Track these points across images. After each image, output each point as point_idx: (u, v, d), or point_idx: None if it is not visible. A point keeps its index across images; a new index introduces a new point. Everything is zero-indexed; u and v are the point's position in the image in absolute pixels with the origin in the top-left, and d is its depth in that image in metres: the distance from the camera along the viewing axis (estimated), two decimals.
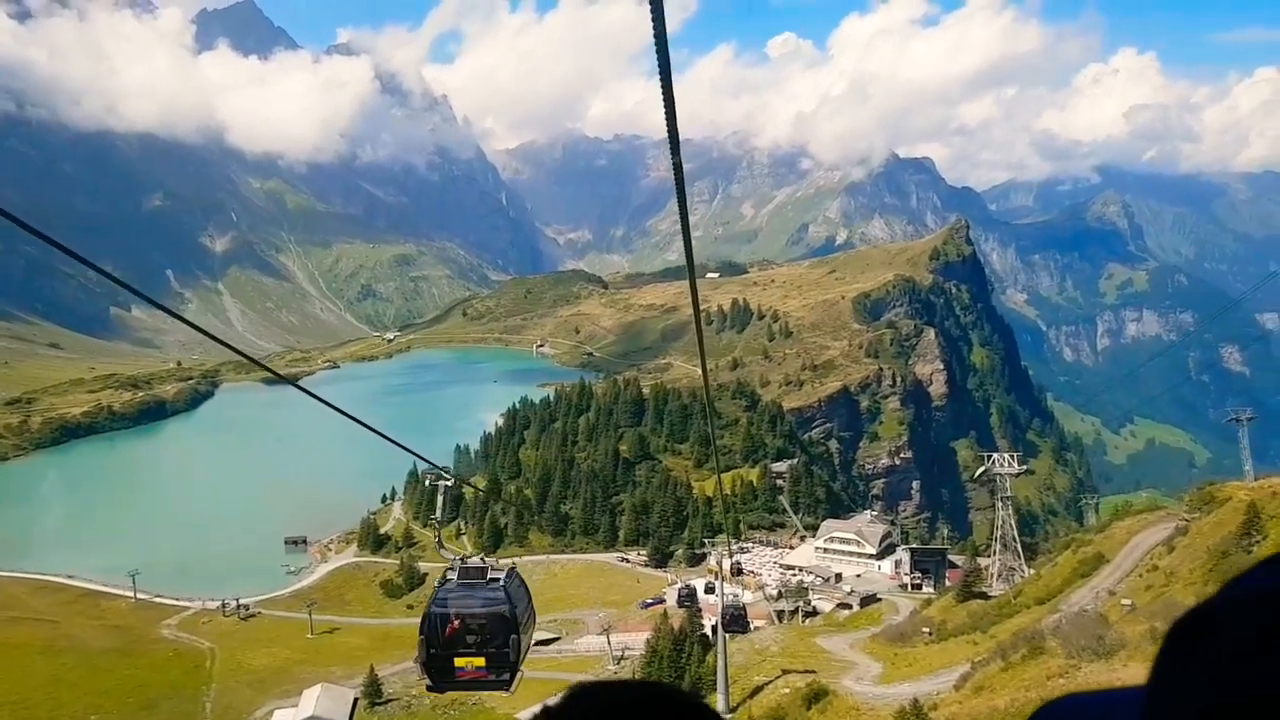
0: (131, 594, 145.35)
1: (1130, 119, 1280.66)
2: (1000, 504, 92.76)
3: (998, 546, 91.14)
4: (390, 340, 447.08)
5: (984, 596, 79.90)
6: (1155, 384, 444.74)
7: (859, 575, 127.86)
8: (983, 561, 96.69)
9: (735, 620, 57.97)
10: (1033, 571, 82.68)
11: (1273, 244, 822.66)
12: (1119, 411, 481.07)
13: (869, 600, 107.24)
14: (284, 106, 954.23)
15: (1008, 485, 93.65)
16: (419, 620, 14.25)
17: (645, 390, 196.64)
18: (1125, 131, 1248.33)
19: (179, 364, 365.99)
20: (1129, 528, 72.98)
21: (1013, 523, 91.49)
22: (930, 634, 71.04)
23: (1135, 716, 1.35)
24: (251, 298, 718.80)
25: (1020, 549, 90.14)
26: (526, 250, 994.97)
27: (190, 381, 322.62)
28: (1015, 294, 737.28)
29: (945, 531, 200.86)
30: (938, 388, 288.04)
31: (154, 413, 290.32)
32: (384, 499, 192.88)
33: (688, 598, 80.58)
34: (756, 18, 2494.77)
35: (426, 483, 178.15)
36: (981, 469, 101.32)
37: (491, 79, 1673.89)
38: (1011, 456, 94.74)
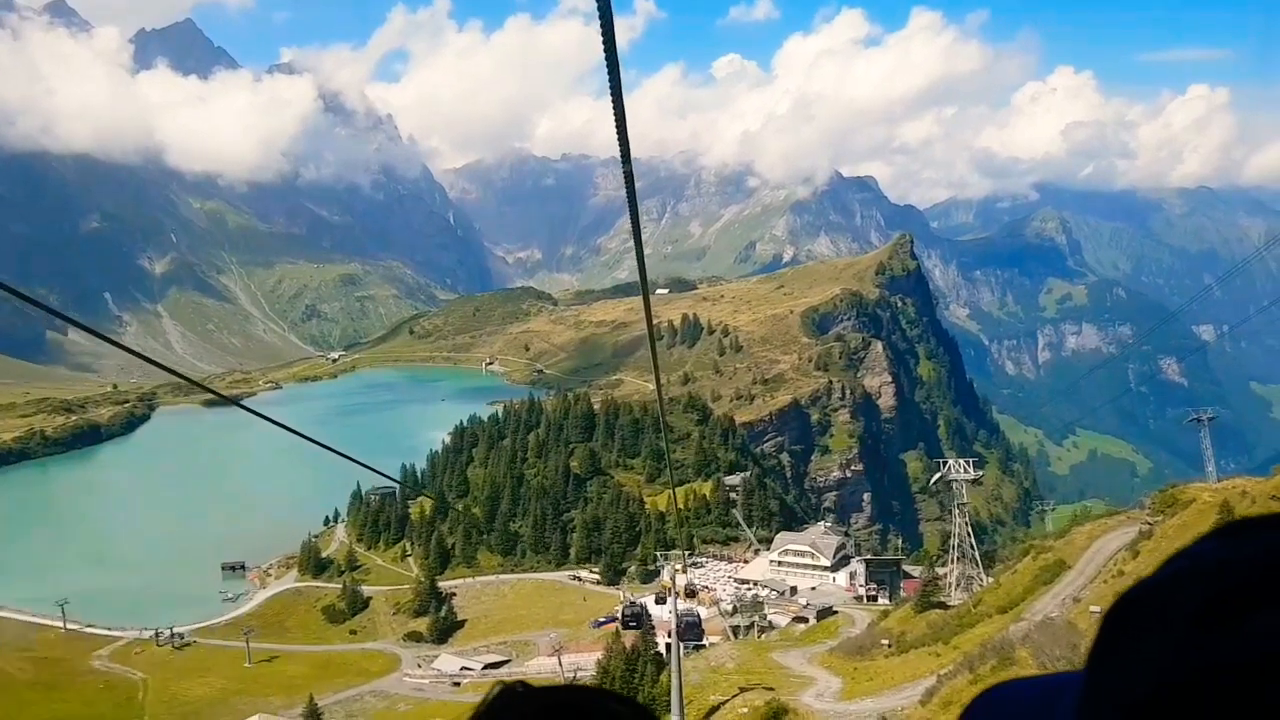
0: (61, 624, 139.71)
1: (1068, 136, 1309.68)
2: (957, 511, 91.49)
3: (955, 554, 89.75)
4: (335, 360, 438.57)
5: (943, 606, 78.30)
6: (1096, 396, 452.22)
7: (814, 588, 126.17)
8: (940, 570, 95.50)
9: (689, 629, 55.65)
10: (992, 580, 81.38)
11: (1207, 258, 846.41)
12: (1061, 423, 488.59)
13: (825, 613, 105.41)
14: (224, 126, 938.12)
15: (963, 492, 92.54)
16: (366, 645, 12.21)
17: (596, 405, 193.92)
18: (1063, 149, 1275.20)
19: (114, 387, 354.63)
20: (1089, 533, 71.96)
21: (970, 530, 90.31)
22: (890, 646, 69.17)
23: (1075, 700, 1.29)
24: (192, 320, 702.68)
25: (978, 557, 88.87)
26: (475, 270, 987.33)
27: (126, 405, 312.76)
28: (958, 309, 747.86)
29: (898, 543, 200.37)
30: (886, 400, 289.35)
31: (88, 437, 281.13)
32: (326, 521, 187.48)
33: (634, 618, 76.17)
34: (702, 39, 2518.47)
35: (370, 503, 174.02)
36: (936, 476, 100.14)
37: (438, 98, 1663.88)
38: (966, 463, 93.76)
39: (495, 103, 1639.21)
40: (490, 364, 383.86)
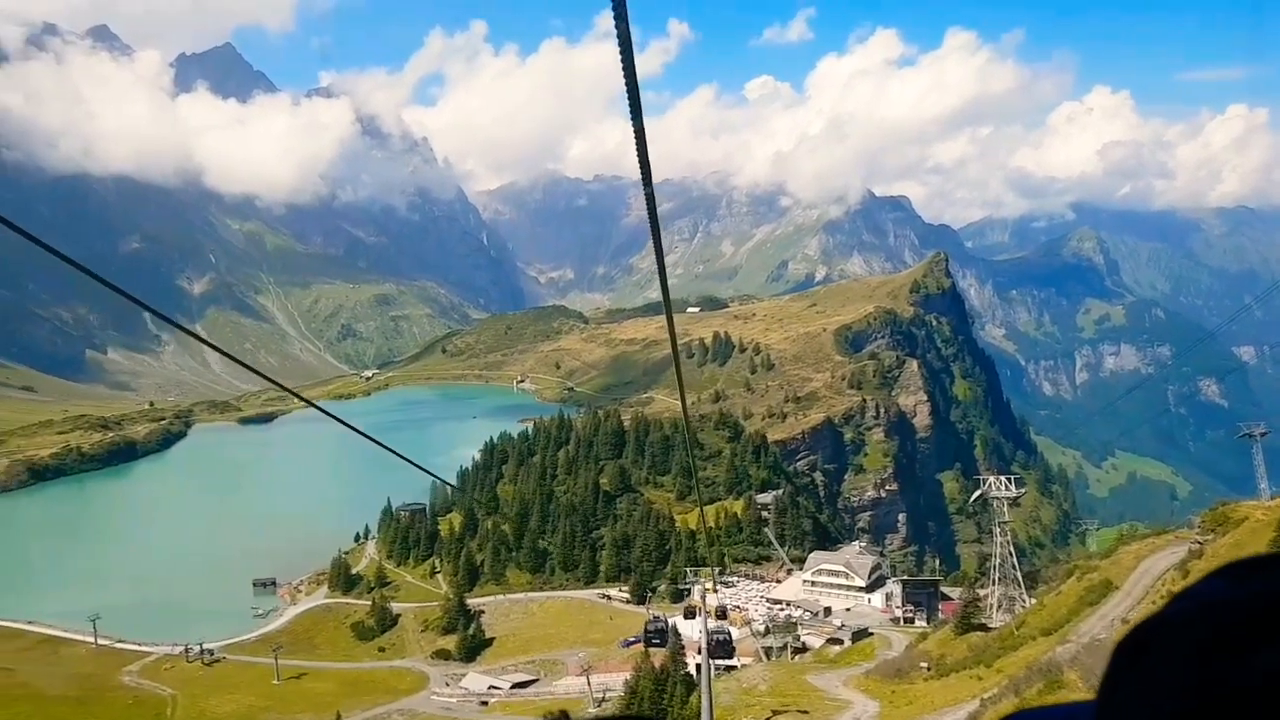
0: (92, 639, 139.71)
1: (1104, 156, 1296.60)
2: (998, 530, 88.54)
3: (996, 575, 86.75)
4: (368, 378, 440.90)
5: (984, 628, 75.62)
6: (1134, 417, 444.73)
7: (849, 609, 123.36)
8: (980, 591, 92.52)
9: (720, 647, 53.68)
10: (1034, 601, 78.56)
11: (1247, 278, 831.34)
12: (1099, 444, 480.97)
13: (860, 634, 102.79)
14: (262, 148, 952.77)
15: (1005, 510, 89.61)
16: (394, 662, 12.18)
17: (626, 422, 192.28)
18: (1100, 169, 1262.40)
19: (151, 404, 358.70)
20: (1136, 553, 69.17)
21: (1011, 549, 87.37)
22: (929, 668, 66.78)
23: None
24: (230, 339, 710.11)
25: (1020, 577, 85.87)
26: (508, 289, 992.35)
27: (162, 422, 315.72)
28: (993, 329, 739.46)
29: (934, 565, 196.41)
30: (922, 419, 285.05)
31: (124, 454, 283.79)
32: (357, 538, 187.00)
33: (657, 634, 73.15)
34: (735, 61, 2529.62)
35: (400, 520, 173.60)
36: (976, 494, 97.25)
37: (473, 121, 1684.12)
38: (1007, 481, 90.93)
39: (529, 125, 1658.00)
40: (521, 382, 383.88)
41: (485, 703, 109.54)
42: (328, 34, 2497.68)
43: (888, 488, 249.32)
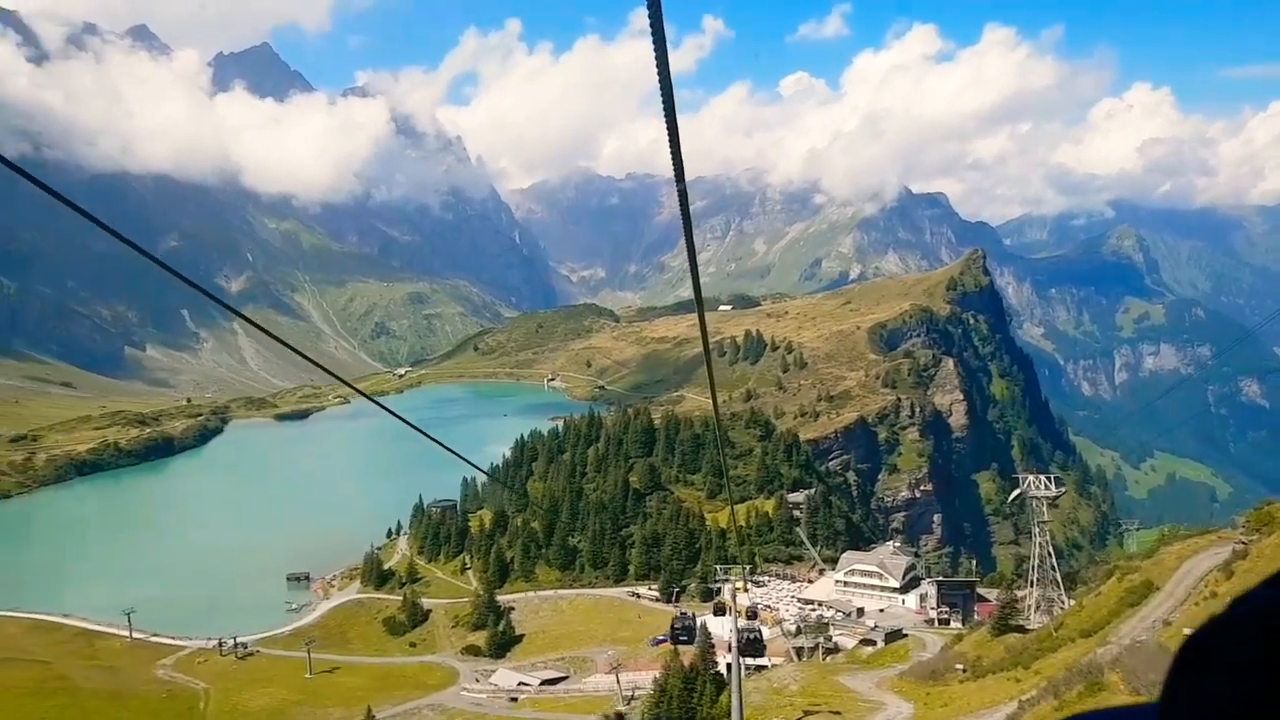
0: (127, 633, 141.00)
1: (1144, 153, 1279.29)
2: (1037, 529, 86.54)
3: (1035, 576, 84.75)
4: (401, 376, 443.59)
5: (1021, 630, 73.95)
6: (1174, 417, 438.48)
7: (882, 610, 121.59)
8: (1018, 593, 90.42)
9: (751, 645, 52.78)
10: (1073, 602, 76.64)
11: None
12: (1138, 445, 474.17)
13: (894, 636, 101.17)
14: (299, 148, 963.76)
15: (1044, 510, 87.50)
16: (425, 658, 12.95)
17: (656, 420, 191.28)
18: (1139, 166, 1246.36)
19: (188, 401, 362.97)
20: (1178, 553, 67.25)
21: (1051, 549, 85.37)
22: (965, 670, 65.30)
23: None
24: (265, 337, 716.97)
25: (1059, 578, 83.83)
26: (540, 288, 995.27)
27: (199, 418, 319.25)
28: (1032, 327, 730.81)
29: (970, 566, 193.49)
30: (958, 418, 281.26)
31: (161, 449, 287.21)
32: (389, 534, 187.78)
33: (684, 631, 71.43)
34: (769, 58, 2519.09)
35: (431, 516, 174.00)
36: (1015, 492, 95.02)
37: (506, 120, 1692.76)
38: (1047, 479, 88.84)
39: (562, 124, 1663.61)
40: (552, 380, 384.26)
41: (515, 699, 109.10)
42: (364, 33, 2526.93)
43: (922, 488, 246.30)
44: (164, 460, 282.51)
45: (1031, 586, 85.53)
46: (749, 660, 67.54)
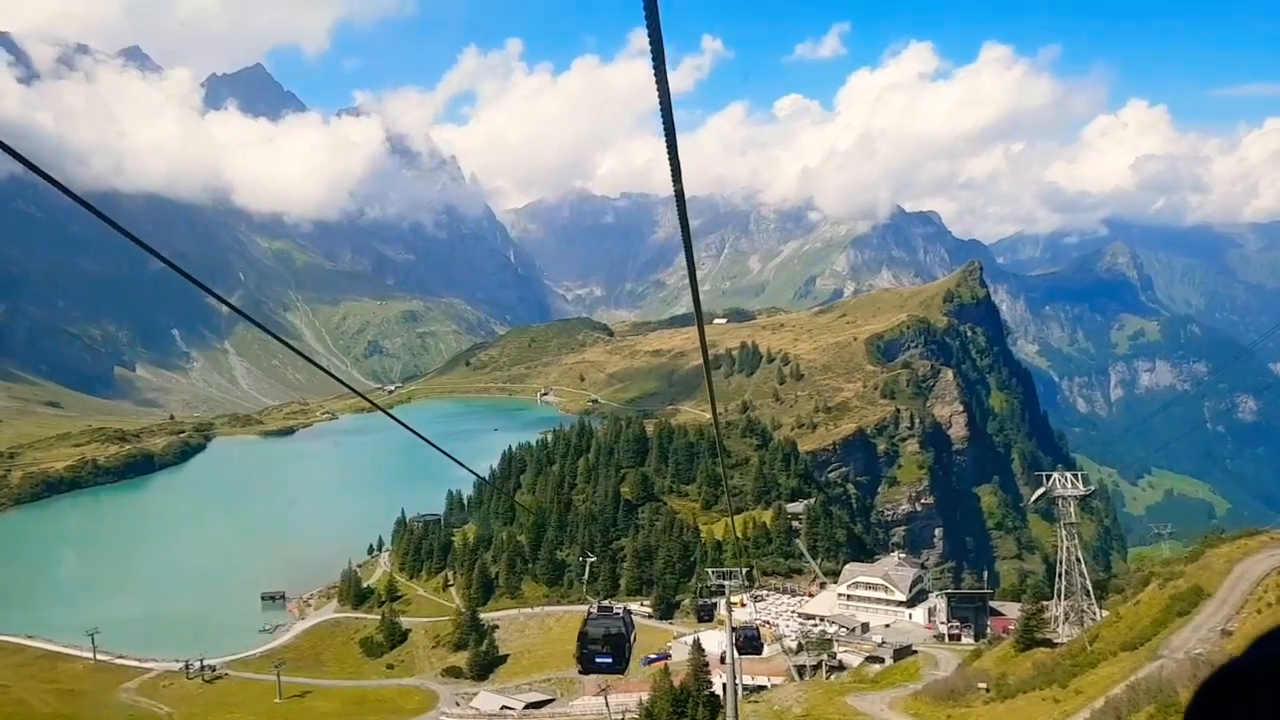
0: (90, 654, 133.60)
1: (1138, 170, 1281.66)
2: (1064, 533, 79.63)
3: (1062, 585, 77.61)
4: (391, 392, 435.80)
5: (1049, 644, 67.09)
6: (1171, 434, 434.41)
7: (888, 625, 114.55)
8: (1043, 604, 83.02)
9: (748, 641, 46.57)
10: (1107, 613, 69.58)
11: None
12: (1135, 462, 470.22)
13: (903, 652, 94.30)
14: (291, 167, 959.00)
15: (1071, 510, 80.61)
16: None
17: (648, 429, 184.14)
18: (1133, 183, 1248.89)
19: (171, 418, 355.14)
20: (1228, 555, 60.58)
21: (1079, 555, 78.34)
22: (988, 689, 58.25)
23: None
24: (258, 356, 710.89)
25: (1090, 586, 76.71)
26: (535, 306, 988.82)
27: (180, 435, 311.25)
28: (1026, 344, 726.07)
29: (973, 581, 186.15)
30: (958, 430, 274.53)
31: (141, 466, 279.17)
32: (370, 550, 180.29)
33: (604, 642, 64.95)
34: (765, 78, 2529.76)
35: (414, 530, 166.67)
36: (1040, 491, 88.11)
37: (503, 139, 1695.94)
38: (1075, 476, 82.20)
39: (558, 143, 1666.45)
40: (545, 394, 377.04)
41: None
42: (363, 55, 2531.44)
43: (923, 501, 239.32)
44: (144, 478, 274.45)
45: (1058, 596, 78.41)
46: (747, 679, 60.46)
